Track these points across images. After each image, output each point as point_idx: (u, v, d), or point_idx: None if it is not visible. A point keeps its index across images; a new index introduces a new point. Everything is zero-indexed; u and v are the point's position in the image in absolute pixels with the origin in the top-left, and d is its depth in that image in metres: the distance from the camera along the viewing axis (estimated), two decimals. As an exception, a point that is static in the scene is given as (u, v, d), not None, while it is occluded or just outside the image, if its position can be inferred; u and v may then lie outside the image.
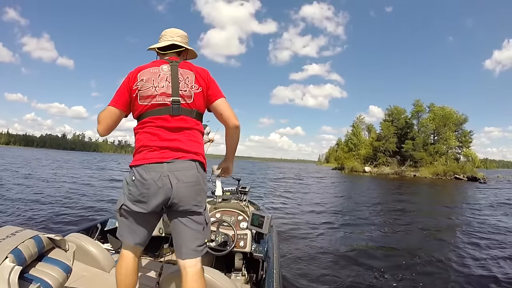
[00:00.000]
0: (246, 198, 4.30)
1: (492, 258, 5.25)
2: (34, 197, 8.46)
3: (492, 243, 6.26)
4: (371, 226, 7.84)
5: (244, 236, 2.86)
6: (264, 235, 2.89)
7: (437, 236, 6.97)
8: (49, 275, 1.31)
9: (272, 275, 2.39)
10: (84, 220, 6.28)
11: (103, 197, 9.84)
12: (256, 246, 2.87)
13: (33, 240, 1.32)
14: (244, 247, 2.81)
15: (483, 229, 7.66)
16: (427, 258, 5.23)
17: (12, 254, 1.18)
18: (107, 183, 14.48)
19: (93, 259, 2.05)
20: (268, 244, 2.98)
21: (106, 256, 2.14)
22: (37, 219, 6.22)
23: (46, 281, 1.27)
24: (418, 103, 50.58)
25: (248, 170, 41.27)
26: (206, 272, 1.69)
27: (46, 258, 1.38)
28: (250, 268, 2.98)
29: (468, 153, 44.76)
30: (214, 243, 2.81)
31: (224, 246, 2.79)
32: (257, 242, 2.91)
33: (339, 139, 75.51)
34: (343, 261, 5.03)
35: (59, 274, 1.35)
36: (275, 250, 2.93)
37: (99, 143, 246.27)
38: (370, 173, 47.28)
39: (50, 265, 1.35)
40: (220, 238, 2.80)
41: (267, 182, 22.24)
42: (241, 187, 4.57)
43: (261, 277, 2.65)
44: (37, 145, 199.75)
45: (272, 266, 2.54)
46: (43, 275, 1.29)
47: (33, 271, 1.28)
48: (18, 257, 1.19)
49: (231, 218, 3.05)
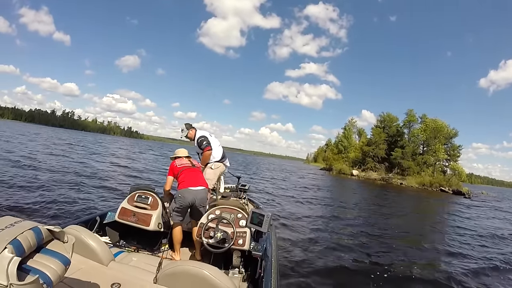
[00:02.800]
0: (246, 196, 4.29)
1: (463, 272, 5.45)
2: (33, 187, 8.10)
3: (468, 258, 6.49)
4: (361, 225, 8.30)
5: (243, 234, 2.86)
6: (263, 233, 2.89)
7: (418, 242, 7.37)
8: (47, 266, 1.29)
9: (270, 273, 2.41)
10: (84, 212, 6.25)
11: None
12: (255, 244, 2.87)
13: (32, 231, 1.30)
14: (243, 245, 2.81)
15: (463, 243, 7.89)
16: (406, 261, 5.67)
17: (11, 245, 1.16)
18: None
19: (92, 251, 2.02)
20: (267, 243, 3.00)
21: (105, 249, 2.11)
22: (36, 211, 6.08)
23: (44, 272, 1.25)
24: (411, 113, 51.19)
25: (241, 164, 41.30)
26: (204, 268, 1.72)
27: (45, 250, 1.36)
28: (248, 266, 2.99)
29: (455, 167, 45.59)
30: (213, 240, 2.79)
31: (222, 243, 2.79)
32: (256, 241, 2.91)
33: (329, 140, 76.26)
34: (341, 260, 5.24)
35: (58, 266, 1.33)
36: (273, 249, 2.95)
37: (88, 122, 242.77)
38: (357, 176, 47.81)
39: (49, 256, 1.33)
40: (219, 235, 2.78)
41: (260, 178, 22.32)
42: (241, 184, 4.55)
43: (259, 275, 2.65)
44: (25, 120, 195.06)
45: (270, 265, 2.55)
46: (41, 266, 1.27)
47: (32, 262, 1.27)
48: (17, 248, 1.18)
49: (230, 215, 3.02)
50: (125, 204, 3.37)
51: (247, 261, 2.97)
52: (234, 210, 3.08)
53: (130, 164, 18.97)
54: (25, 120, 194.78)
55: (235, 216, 3.02)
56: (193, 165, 3.55)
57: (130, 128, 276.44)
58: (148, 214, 3.23)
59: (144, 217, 3.22)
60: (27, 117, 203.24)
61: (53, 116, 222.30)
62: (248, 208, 3.35)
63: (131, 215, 3.25)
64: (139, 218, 3.22)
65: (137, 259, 2.89)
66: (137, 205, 3.31)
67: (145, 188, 3.47)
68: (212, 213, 3.05)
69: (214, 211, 3.08)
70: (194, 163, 3.63)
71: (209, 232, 2.86)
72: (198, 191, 3.32)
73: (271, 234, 3.21)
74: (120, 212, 3.31)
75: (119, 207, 3.36)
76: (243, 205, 3.24)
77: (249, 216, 2.94)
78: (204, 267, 1.73)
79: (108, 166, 15.86)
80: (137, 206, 3.31)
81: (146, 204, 3.30)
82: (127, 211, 3.29)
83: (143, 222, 3.20)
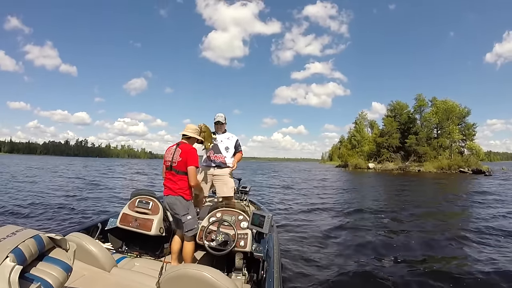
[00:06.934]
0: (247, 198, 4.32)
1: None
2: (35, 198, 8.47)
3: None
4: (376, 225, 7.64)
5: (245, 236, 2.87)
6: (265, 234, 2.90)
7: (448, 233, 6.57)
8: (49, 274, 1.31)
9: (272, 275, 2.39)
10: (85, 219, 6.31)
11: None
12: (257, 246, 2.88)
13: (33, 239, 1.31)
14: (244, 247, 2.82)
15: (496, 227, 7.11)
16: (435, 258, 5.05)
17: (13, 253, 1.18)
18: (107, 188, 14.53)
19: (94, 258, 2.05)
20: (269, 244, 2.98)
21: (107, 255, 2.14)
22: (37, 219, 6.26)
23: (46, 280, 1.27)
24: (420, 97, 50.36)
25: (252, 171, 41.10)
26: (206, 271, 1.69)
27: (46, 258, 1.38)
28: (251, 267, 2.99)
29: (472, 146, 44.43)
30: (215, 242, 2.81)
31: (224, 246, 2.80)
32: (258, 242, 2.92)
33: (342, 137, 75.51)
34: (345, 260, 4.95)
35: (60, 273, 1.34)
36: (275, 250, 2.93)
37: (102, 148, 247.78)
38: (374, 169, 47.06)
39: (50, 264, 1.35)
40: (221, 237, 2.80)
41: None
42: (242, 186, 4.58)
43: (262, 277, 2.65)
44: (40, 152, 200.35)
45: (272, 266, 2.54)
46: (43, 274, 1.29)
47: (34, 270, 1.28)
48: (18, 256, 1.19)
49: (231, 217, 3.05)
50: (126, 210, 3.38)
51: (250, 262, 2.96)
52: (235, 212, 3.10)
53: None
54: (39, 153, 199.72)
55: (236, 218, 3.04)
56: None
57: (144, 149, 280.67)
58: (149, 219, 3.24)
59: (145, 222, 3.23)
60: (41, 150, 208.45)
61: (67, 146, 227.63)
62: (249, 210, 3.34)
63: (133, 220, 3.28)
64: (141, 223, 3.24)
65: (140, 264, 2.90)
66: (138, 211, 3.33)
67: (145, 193, 3.47)
68: (213, 216, 3.07)
69: (215, 213, 3.10)
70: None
71: (211, 235, 2.88)
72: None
73: (273, 235, 3.18)
74: (121, 218, 3.34)
75: (120, 213, 3.39)
76: (244, 207, 3.24)
77: (250, 217, 2.96)
78: (206, 270, 1.70)
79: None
80: (138, 212, 3.32)
81: (147, 209, 3.31)
82: (128, 217, 3.31)
83: (145, 227, 3.21)
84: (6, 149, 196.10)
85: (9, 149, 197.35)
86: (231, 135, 4.30)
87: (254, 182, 20.34)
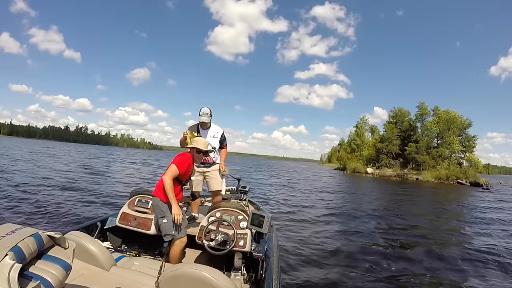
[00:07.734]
0: (246, 198, 4.33)
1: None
2: (34, 195, 8.41)
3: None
4: (374, 229, 7.77)
5: (244, 236, 2.88)
6: (264, 234, 2.89)
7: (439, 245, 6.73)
8: (49, 273, 1.31)
9: (271, 274, 2.39)
10: (84, 218, 6.31)
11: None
12: (256, 246, 2.88)
13: (33, 238, 1.32)
14: (243, 247, 2.82)
15: (489, 244, 7.04)
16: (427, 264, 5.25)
17: (12, 251, 1.18)
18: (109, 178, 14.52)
19: (93, 257, 2.05)
20: (268, 244, 2.99)
21: (106, 254, 2.14)
22: (37, 217, 6.23)
23: (46, 278, 1.27)
24: (422, 105, 50.22)
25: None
26: (205, 271, 1.70)
27: (46, 256, 1.38)
28: (250, 267, 2.99)
29: (471, 158, 44.33)
30: (214, 242, 2.81)
31: (223, 245, 2.81)
32: (257, 242, 2.92)
33: (342, 139, 75.83)
34: (343, 261, 5.06)
35: (59, 272, 1.34)
36: (275, 250, 2.93)
37: (102, 136, 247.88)
38: (372, 174, 47.06)
39: (50, 263, 1.35)
40: (220, 237, 2.80)
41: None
42: (241, 186, 4.59)
43: (261, 277, 2.65)
44: (39, 137, 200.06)
45: (272, 266, 2.54)
46: (43, 272, 1.29)
47: (33, 268, 1.29)
48: (18, 254, 1.19)
49: (231, 217, 3.05)
50: (126, 209, 3.39)
51: (249, 262, 2.97)
52: (235, 212, 3.10)
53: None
54: (39, 137, 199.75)
55: (236, 218, 3.05)
56: None
57: (143, 139, 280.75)
58: (148, 218, 3.25)
59: (144, 221, 3.24)
60: (41, 134, 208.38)
61: (67, 131, 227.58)
62: (249, 210, 3.34)
63: (132, 219, 3.28)
64: (140, 222, 3.24)
65: (139, 263, 2.90)
66: (137, 210, 3.33)
67: (145, 193, 3.47)
68: (213, 216, 3.08)
69: (214, 213, 3.11)
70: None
71: (210, 234, 2.89)
72: None
73: (272, 235, 3.20)
74: (120, 217, 3.34)
75: (120, 212, 3.39)
76: (243, 207, 3.24)
77: (249, 217, 2.96)
78: (205, 269, 1.71)
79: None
80: (138, 211, 3.33)
81: (147, 208, 3.31)
82: (127, 216, 3.32)
83: (144, 227, 3.22)
84: (5, 131, 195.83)
85: (9, 132, 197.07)
86: (216, 130, 4.24)
87: (253, 182, 20.37)
